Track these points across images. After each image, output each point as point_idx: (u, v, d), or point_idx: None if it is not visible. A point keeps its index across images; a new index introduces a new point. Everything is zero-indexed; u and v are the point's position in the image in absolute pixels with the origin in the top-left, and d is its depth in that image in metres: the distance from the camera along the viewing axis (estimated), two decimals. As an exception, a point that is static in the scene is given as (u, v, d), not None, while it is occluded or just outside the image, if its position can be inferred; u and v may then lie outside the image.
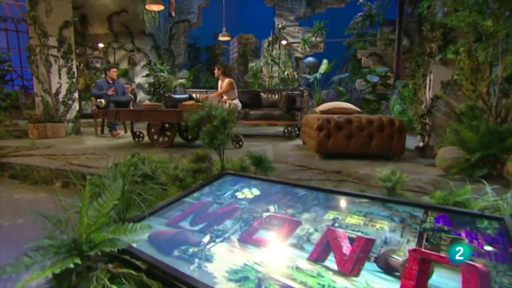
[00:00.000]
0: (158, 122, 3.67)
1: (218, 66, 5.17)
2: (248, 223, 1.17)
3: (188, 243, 1.05)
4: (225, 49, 12.90)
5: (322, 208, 1.26)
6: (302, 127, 4.25)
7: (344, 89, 8.07)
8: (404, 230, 1.07)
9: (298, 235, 1.07)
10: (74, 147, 3.81)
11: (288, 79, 8.13)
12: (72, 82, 5.50)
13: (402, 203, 1.24)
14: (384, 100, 7.10)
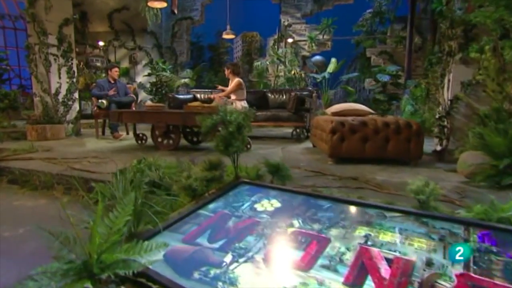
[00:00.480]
0: (163, 124, 3.61)
1: (228, 65, 5.12)
2: (272, 240, 1.10)
3: (208, 263, 0.98)
4: (228, 48, 12.84)
5: (350, 223, 1.19)
6: (312, 129, 4.18)
7: (353, 89, 7.98)
8: (446, 250, 0.99)
9: (329, 255, 1.00)
10: (75, 150, 3.76)
11: (295, 79, 8.05)
12: (72, 81, 5.46)
13: (439, 218, 1.16)
14: (395, 100, 7.01)
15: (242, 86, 5.14)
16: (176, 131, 3.72)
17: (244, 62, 11.39)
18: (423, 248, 1.02)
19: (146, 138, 4.35)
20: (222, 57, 12.25)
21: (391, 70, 6.81)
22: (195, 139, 4.33)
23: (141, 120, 3.74)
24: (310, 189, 1.97)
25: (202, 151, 3.74)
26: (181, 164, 2.35)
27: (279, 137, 5.62)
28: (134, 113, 3.86)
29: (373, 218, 1.23)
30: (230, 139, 1.57)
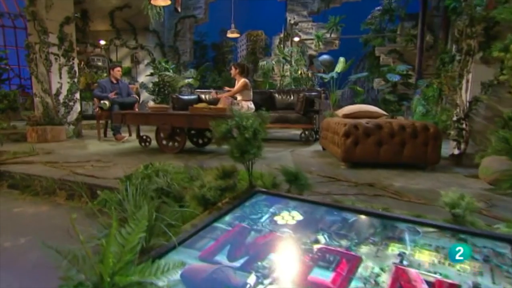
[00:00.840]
0: (168, 127, 3.55)
1: (235, 65, 5.08)
2: (298, 258, 1.03)
3: (230, 284, 0.91)
4: (233, 47, 12.79)
5: (381, 239, 1.12)
6: (322, 132, 4.11)
7: (362, 89, 7.89)
8: (494, 273, 0.92)
9: (362, 276, 0.93)
10: (77, 153, 3.71)
11: (301, 79, 7.98)
12: (74, 82, 5.42)
13: (480, 235, 1.09)
14: (405, 100, 6.92)
15: (249, 87, 5.10)
16: (181, 133, 3.66)
17: (248, 61, 11.34)
18: (466, 270, 0.94)
19: (150, 140, 4.30)
20: (226, 57, 12.20)
21: (401, 70, 6.73)
22: (201, 141, 4.27)
23: (146, 122, 3.68)
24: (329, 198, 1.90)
25: (208, 154, 3.67)
26: (189, 170, 2.29)
27: (287, 139, 5.55)
28: (138, 115, 3.80)
29: (404, 233, 1.16)
30: (246, 146, 1.50)
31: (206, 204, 1.57)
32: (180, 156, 3.54)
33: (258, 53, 11.44)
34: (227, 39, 11.88)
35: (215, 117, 3.40)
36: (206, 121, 3.43)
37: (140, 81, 8.94)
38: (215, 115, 3.35)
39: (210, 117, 3.36)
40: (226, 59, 11.88)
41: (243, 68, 5.11)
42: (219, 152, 3.89)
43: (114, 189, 2.29)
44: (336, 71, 7.23)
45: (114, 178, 2.47)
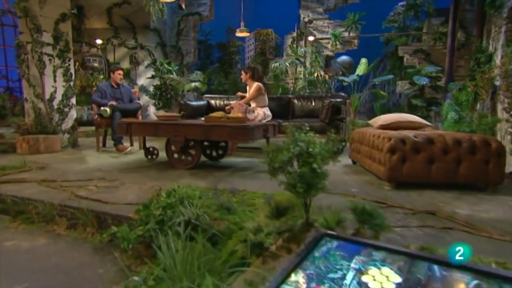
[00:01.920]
0: (181, 139, 3.30)
1: (245, 69, 4.87)
2: None
3: None
4: (240, 47, 12.56)
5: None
6: (353, 144, 3.86)
7: (386, 93, 7.64)
8: None
9: None
10: (76, 168, 3.46)
11: (318, 82, 7.75)
12: (69, 85, 5.21)
13: None
14: (434, 105, 6.67)
15: (263, 91, 4.88)
16: (196, 146, 3.41)
17: (257, 62, 11.12)
18: None
19: (158, 152, 4.06)
20: (233, 57, 11.96)
21: (429, 71, 6.49)
22: (215, 153, 4.02)
23: (155, 134, 3.43)
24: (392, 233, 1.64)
25: (226, 170, 3.42)
26: (218, 197, 2.03)
27: None
28: (146, 125, 3.56)
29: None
30: (314, 179, 1.24)
31: (254, 247, 1.31)
32: (195, 172, 3.29)
33: (267, 53, 11.23)
34: (233, 39, 11.68)
35: (236, 128, 3.17)
36: (225, 132, 3.20)
37: (140, 83, 8.74)
38: (235, 126, 3.11)
39: (230, 128, 3.13)
40: (233, 60, 11.65)
41: (254, 71, 4.88)
42: (237, 167, 3.65)
43: (127, 218, 2.04)
44: (358, 74, 6.99)
45: (126, 203, 2.21)
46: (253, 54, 12.07)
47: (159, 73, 7.77)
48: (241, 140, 3.11)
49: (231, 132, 3.11)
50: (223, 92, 9.59)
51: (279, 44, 12.17)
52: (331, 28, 8.83)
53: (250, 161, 4.12)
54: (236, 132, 3.09)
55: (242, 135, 3.07)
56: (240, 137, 3.08)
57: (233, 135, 3.12)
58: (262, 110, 4.81)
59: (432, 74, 6.44)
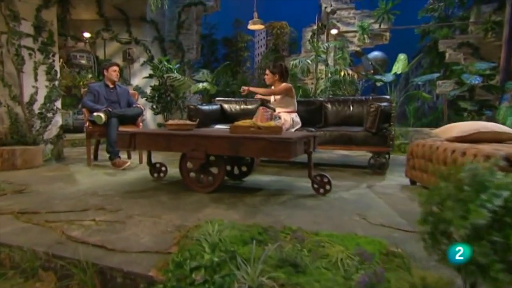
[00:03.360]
0: (201, 155, 2.82)
1: (271, 69, 4.51)
2: None
3: None
4: (249, 42, 12.16)
5: None
6: (410, 159, 3.39)
7: (429, 95, 7.15)
8: None
9: None
10: (64, 191, 2.96)
11: (344, 82, 7.30)
12: (54, 85, 4.77)
13: None
14: (487, 109, 6.22)
15: (293, 93, 4.48)
16: (219, 164, 2.93)
17: (269, 60, 10.68)
18: None
19: (166, 169, 3.59)
20: (241, 54, 11.52)
21: (482, 69, 6.03)
22: (237, 171, 3.55)
23: (167, 147, 2.95)
24: None
25: (258, 194, 2.93)
26: (280, 250, 1.53)
27: (350, 164, 4.83)
28: (155, 136, 3.07)
29: None
30: None
31: None
32: (218, 197, 2.81)
33: (281, 49, 10.76)
34: (242, 33, 11.30)
35: (275, 142, 2.69)
36: (260, 147, 2.71)
37: (135, 84, 8.27)
38: (274, 139, 2.63)
39: (266, 142, 2.65)
40: (241, 57, 11.21)
41: (283, 71, 4.46)
42: (269, 189, 3.20)
43: (146, 278, 1.55)
44: (395, 72, 6.54)
45: (140, 251, 1.72)
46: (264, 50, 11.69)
47: (158, 72, 7.30)
48: (282, 157, 2.63)
49: (268, 147, 2.63)
50: (231, 95, 9.15)
51: (296, 38, 11.73)
52: (358, 19, 8.46)
53: (281, 180, 3.65)
54: (275, 147, 2.61)
55: (283, 150, 2.59)
56: (280, 154, 2.60)
57: (270, 151, 2.63)
58: (290, 116, 4.39)
59: (486, 72, 5.96)
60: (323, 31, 8.60)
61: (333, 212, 2.44)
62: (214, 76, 7.35)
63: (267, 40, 11.17)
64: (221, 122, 4.99)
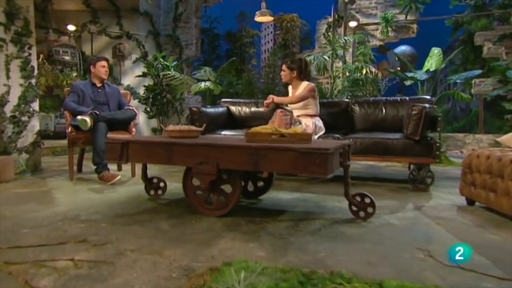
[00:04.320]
0: (211, 169, 2.42)
1: (288, 64, 4.15)
2: None
3: None
4: (256, 36, 11.91)
5: None
6: (468, 173, 2.99)
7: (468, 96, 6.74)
8: None
9: None
10: (37, 215, 2.56)
11: (366, 82, 6.92)
12: (30, 84, 4.40)
13: None
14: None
15: (316, 94, 4.11)
16: (234, 181, 2.53)
17: (277, 57, 10.38)
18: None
19: (165, 185, 3.20)
20: (246, 50, 11.26)
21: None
22: (253, 187, 3.16)
23: (168, 160, 2.55)
24: None
25: (280, 219, 2.53)
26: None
27: (381, 177, 4.44)
28: (153, 146, 2.66)
29: None
30: None
31: None
32: (232, 223, 2.41)
33: (290, 45, 10.48)
34: (247, 27, 11.06)
35: (307, 153, 2.29)
36: (288, 160, 2.32)
37: (126, 83, 8.06)
38: (306, 150, 2.23)
39: (296, 154, 2.25)
40: (246, 53, 10.95)
41: (302, 66, 4.09)
42: (294, 211, 2.81)
43: None
44: (428, 69, 6.14)
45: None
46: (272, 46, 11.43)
47: (153, 70, 7.00)
48: (316, 173, 2.23)
49: (299, 160, 2.22)
50: (234, 96, 8.85)
51: (308, 32, 11.44)
52: (380, 9, 8.16)
53: (305, 198, 3.26)
54: (308, 160, 2.20)
55: (318, 165, 2.17)
56: (315, 169, 2.19)
57: (301, 165, 2.22)
58: (312, 121, 4.02)
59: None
60: (340, 24, 8.37)
61: (386, 246, 2.03)
62: (218, 75, 7.00)
63: (275, 34, 10.95)
64: (229, 127, 4.64)
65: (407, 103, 4.13)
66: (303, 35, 11.61)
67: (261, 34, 12.20)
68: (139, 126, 7.81)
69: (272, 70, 9.77)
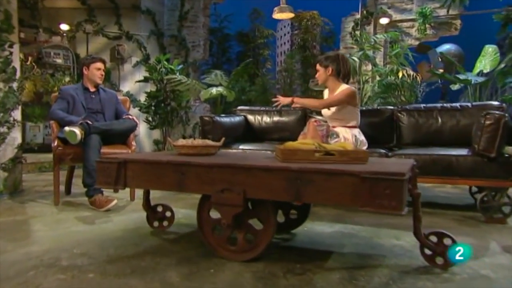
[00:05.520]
0: (236, 199, 1.95)
1: (324, 61, 3.67)
2: None
3: None
4: (271, 37, 11.63)
5: None
6: None
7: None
8: None
9: None
10: (5, 259, 2.09)
11: (402, 86, 6.50)
12: (11, 88, 4.02)
13: None
14: None
15: (357, 101, 3.67)
16: (267, 213, 2.05)
17: (295, 60, 10.05)
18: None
19: (172, 215, 2.74)
20: (260, 52, 10.94)
21: None
22: (283, 217, 2.69)
23: (179, 186, 2.09)
24: None
25: (329, 265, 2.02)
26: None
27: (441, 203, 4.03)
28: (158, 167, 2.19)
29: None
30: None
31: None
32: (266, 273, 1.92)
33: (310, 46, 10.14)
34: (261, 26, 10.77)
35: (373, 179, 1.80)
36: (342, 187, 1.84)
37: (125, 89, 7.93)
38: (369, 174, 1.75)
39: (354, 179, 1.77)
40: (260, 56, 10.61)
41: (340, 64, 3.66)
42: (343, 254, 2.29)
43: None
44: (481, 70, 5.67)
45: None
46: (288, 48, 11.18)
47: (156, 75, 6.74)
48: (387, 208, 1.74)
49: (361, 189, 1.74)
50: (247, 103, 8.53)
51: (332, 31, 11.12)
52: (416, 4, 7.85)
53: (351, 233, 2.75)
54: (375, 189, 1.71)
55: (391, 196, 1.69)
56: (385, 202, 1.69)
57: (365, 196, 1.73)
58: (352, 133, 3.56)
59: None
60: (369, 21, 8.12)
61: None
62: (232, 79, 6.65)
63: (292, 35, 10.73)
64: (247, 140, 4.20)
65: (470, 111, 3.65)
66: (324, 34, 11.30)
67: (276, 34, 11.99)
68: (139, 139, 7.60)
69: (289, 74, 9.42)
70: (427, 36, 7.90)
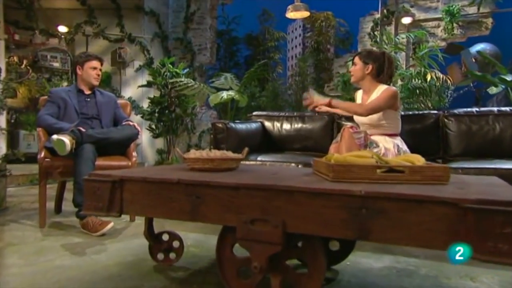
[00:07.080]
0: (273, 233, 1.44)
1: (364, 56, 3.19)
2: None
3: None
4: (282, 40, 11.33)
5: None
6: None
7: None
8: None
9: None
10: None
11: (430, 91, 6.04)
12: None
13: None
14: None
15: (398, 105, 3.16)
16: (314, 253, 1.53)
17: (308, 63, 9.71)
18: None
19: (181, 245, 2.23)
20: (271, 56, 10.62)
21: None
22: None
23: (192, 214, 1.57)
24: None
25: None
26: None
27: None
28: (165, 188, 1.67)
29: None
30: None
31: None
32: None
33: (325, 49, 9.81)
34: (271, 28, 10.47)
35: (472, 208, 1.27)
36: (428, 220, 1.33)
37: (127, 95, 7.69)
38: (471, 202, 1.21)
39: (448, 208, 1.24)
40: (270, 60, 10.28)
41: (382, 60, 3.17)
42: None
43: None
44: (523, 71, 5.25)
45: None
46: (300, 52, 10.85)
47: (160, 79, 6.45)
48: (504, 257, 1.19)
49: (464, 224, 1.22)
50: (257, 109, 8.18)
51: (348, 33, 10.77)
52: (442, 1, 7.51)
53: (407, 268, 2.22)
54: (485, 226, 1.20)
55: (508, 238, 1.17)
56: (500, 245, 1.17)
57: (471, 236, 1.21)
58: (394, 142, 3.07)
59: None
60: (390, 21, 7.79)
61: None
62: (244, 83, 6.25)
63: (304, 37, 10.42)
64: (264, 150, 3.72)
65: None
66: (339, 36, 10.97)
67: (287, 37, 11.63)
68: (141, 148, 7.40)
69: (301, 79, 9.05)
70: (454, 37, 7.53)
